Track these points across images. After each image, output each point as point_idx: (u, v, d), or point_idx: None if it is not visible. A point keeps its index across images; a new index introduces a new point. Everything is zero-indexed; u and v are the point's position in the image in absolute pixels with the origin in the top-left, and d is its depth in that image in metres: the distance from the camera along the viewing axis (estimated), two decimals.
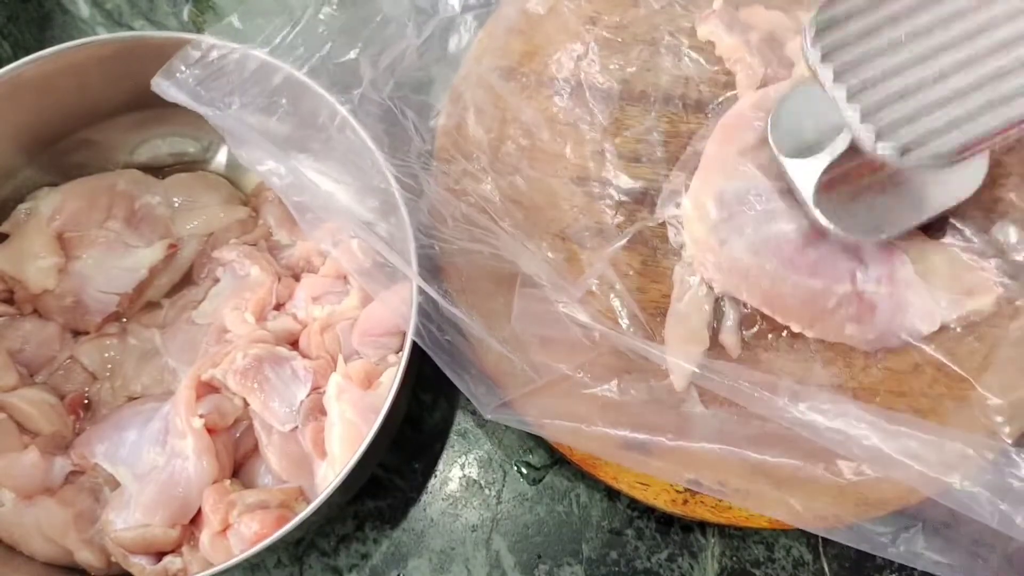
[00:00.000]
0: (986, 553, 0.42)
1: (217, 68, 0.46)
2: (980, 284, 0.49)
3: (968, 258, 0.49)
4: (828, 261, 0.49)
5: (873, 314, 0.48)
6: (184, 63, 0.46)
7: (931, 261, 0.49)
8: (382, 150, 0.45)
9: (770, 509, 0.45)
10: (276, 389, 0.47)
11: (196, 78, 0.46)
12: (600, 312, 0.49)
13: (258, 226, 0.54)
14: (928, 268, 0.49)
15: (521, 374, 0.47)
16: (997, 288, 0.49)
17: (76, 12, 0.66)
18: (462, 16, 0.54)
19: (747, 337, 0.50)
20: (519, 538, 0.54)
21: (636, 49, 0.55)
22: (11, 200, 0.53)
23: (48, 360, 0.51)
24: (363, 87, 0.50)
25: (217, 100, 0.46)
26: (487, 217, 0.48)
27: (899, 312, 0.48)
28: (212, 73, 0.46)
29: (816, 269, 0.48)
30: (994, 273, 0.49)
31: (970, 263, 0.49)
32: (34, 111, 0.50)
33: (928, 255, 0.49)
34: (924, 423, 0.43)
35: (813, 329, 0.49)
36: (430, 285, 0.43)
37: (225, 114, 0.45)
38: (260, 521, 0.43)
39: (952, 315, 0.49)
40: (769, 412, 0.43)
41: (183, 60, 0.46)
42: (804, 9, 0.55)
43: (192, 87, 0.46)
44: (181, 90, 0.46)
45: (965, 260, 0.49)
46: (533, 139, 0.54)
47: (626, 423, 0.46)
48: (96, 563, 0.46)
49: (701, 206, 0.50)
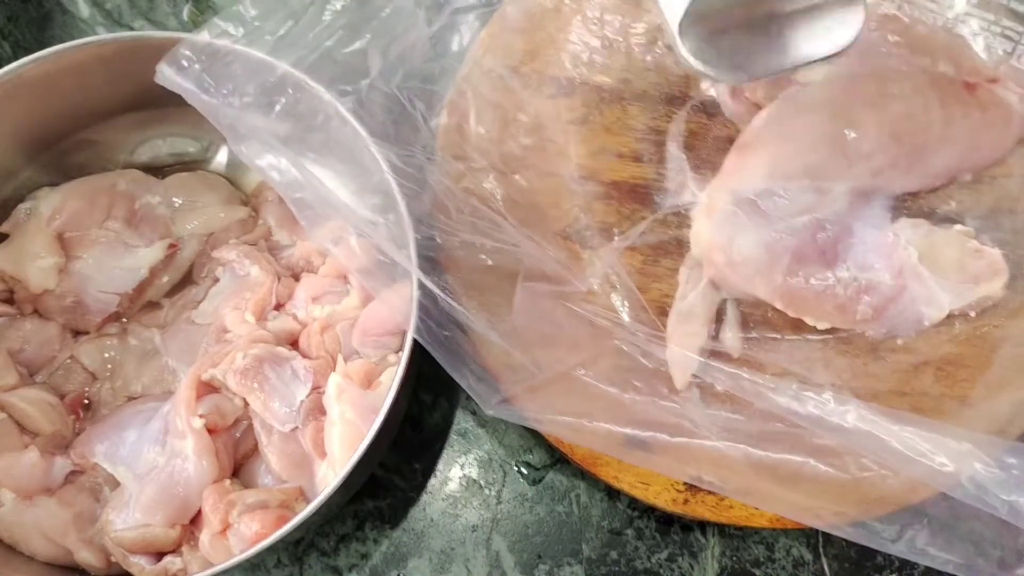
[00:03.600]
0: (989, 549, 0.42)
1: (222, 58, 0.46)
2: (988, 271, 0.49)
3: (975, 246, 0.50)
4: (840, 253, 0.49)
5: (884, 304, 0.48)
6: (190, 51, 0.45)
7: (938, 249, 0.50)
8: (385, 143, 0.45)
9: (772, 506, 0.45)
10: (276, 389, 0.47)
11: (202, 66, 0.45)
12: (602, 310, 0.49)
13: (258, 226, 0.54)
14: (935, 256, 0.49)
15: (522, 369, 0.46)
16: (1005, 274, 0.49)
17: (76, 12, 0.66)
18: (466, 12, 0.54)
19: (748, 338, 0.50)
20: (519, 538, 0.54)
21: (638, 48, 0.55)
22: (11, 200, 0.52)
23: (48, 360, 0.51)
24: (372, 77, 0.49)
25: (221, 91, 0.45)
26: (489, 213, 0.48)
27: (909, 301, 0.49)
28: (216, 63, 0.46)
29: (828, 261, 0.49)
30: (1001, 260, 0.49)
31: (977, 251, 0.49)
32: (34, 111, 0.50)
33: (935, 244, 0.50)
34: (927, 420, 0.43)
35: (824, 321, 0.49)
36: (430, 280, 0.43)
37: (226, 105, 0.45)
38: (260, 521, 0.43)
39: (960, 303, 0.49)
40: (772, 408, 0.43)
41: (189, 48, 0.45)
42: None
43: (197, 75, 0.45)
44: (186, 79, 0.45)
45: (972, 247, 0.50)
46: (535, 138, 0.54)
47: (628, 419, 0.46)
48: (96, 563, 0.46)
49: (716, 204, 0.50)
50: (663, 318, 0.50)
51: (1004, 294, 0.49)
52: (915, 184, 0.52)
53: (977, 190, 0.52)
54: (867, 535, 0.43)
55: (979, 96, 0.51)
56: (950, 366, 0.49)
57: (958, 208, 0.52)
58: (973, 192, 0.52)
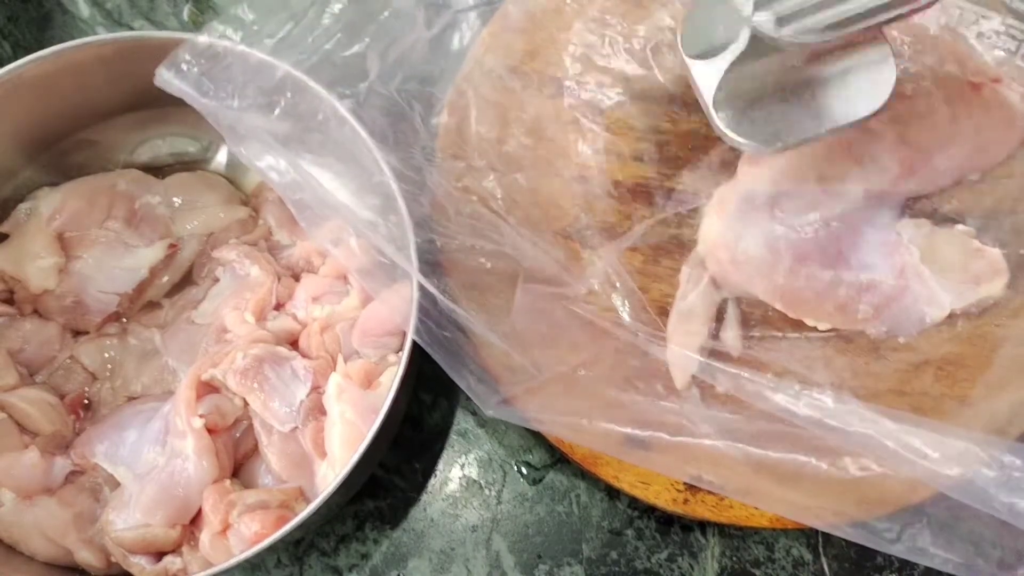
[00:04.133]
0: (989, 550, 0.42)
1: (221, 61, 0.46)
2: (989, 271, 0.49)
3: (976, 246, 0.50)
4: (843, 253, 0.49)
5: (885, 303, 0.48)
6: (190, 54, 0.45)
7: (940, 249, 0.50)
8: (384, 144, 0.45)
9: (772, 506, 0.45)
10: (276, 389, 0.47)
11: (201, 69, 0.45)
12: (602, 310, 0.49)
13: (258, 226, 0.54)
14: (937, 256, 0.49)
15: (522, 370, 0.46)
16: (1005, 274, 0.49)
17: (76, 12, 0.66)
18: (466, 13, 0.54)
19: (748, 336, 0.50)
20: (519, 538, 0.54)
21: (638, 48, 0.55)
22: (11, 200, 0.52)
23: (48, 360, 0.51)
24: (371, 80, 0.50)
25: (220, 94, 0.45)
26: (489, 213, 0.48)
27: (911, 301, 0.49)
28: (216, 66, 0.45)
29: (831, 261, 0.49)
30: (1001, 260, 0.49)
31: (978, 250, 0.49)
32: (34, 111, 0.50)
33: (936, 243, 0.50)
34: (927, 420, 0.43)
35: (826, 322, 0.49)
36: (430, 281, 0.43)
37: (225, 107, 0.45)
38: (260, 521, 0.43)
39: (962, 302, 0.49)
40: (772, 409, 0.43)
41: (189, 51, 0.45)
42: None
43: (197, 77, 0.45)
44: (185, 82, 0.45)
45: (974, 247, 0.50)
46: (535, 138, 0.54)
47: (628, 419, 0.46)
48: (96, 563, 0.46)
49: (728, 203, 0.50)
50: (664, 318, 0.50)
51: (1005, 294, 0.49)
52: (923, 186, 0.51)
53: (978, 190, 0.52)
54: (867, 535, 0.43)
55: (984, 96, 0.51)
56: (950, 366, 0.49)
57: (959, 208, 0.52)
58: (974, 192, 0.52)
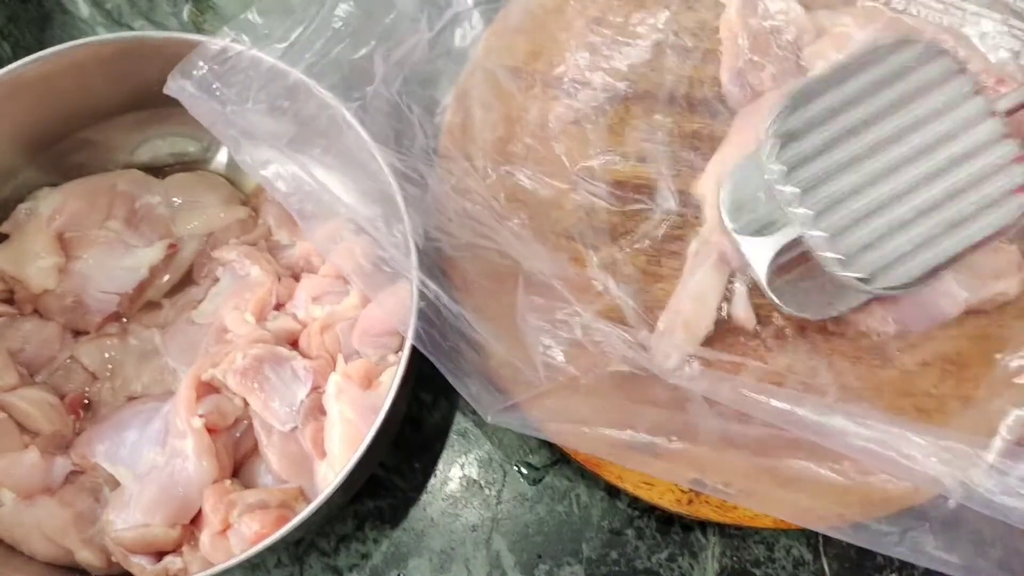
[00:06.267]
0: (989, 550, 0.42)
1: (234, 67, 0.46)
2: (1006, 267, 0.49)
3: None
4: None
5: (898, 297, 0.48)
6: (202, 60, 0.45)
7: None
8: (387, 148, 0.45)
9: (774, 509, 0.45)
10: (276, 389, 0.47)
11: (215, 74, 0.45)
12: (605, 311, 0.48)
13: (258, 226, 0.54)
14: None
15: (524, 377, 0.46)
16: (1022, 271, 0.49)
17: (76, 12, 0.65)
18: (469, 13, 0.54)
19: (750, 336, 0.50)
20: (519, 538, 0.54)
21: (640, 49, 0.55)
22: (11, 200, 0.52)
23: (48, 360, 0.51)
24: (376, 83, 0.50)
25: (233, 99, 0.45)
26: (491, 214, 0.48)
27: (927, 293, 0.48)
28: (229, 71, 0.46)
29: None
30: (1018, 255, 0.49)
31: (996, 247, 0.49)
32: (34, 111, 0.50)
33: None
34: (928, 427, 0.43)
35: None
36: (431, 284, 0.43)
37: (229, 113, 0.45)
38: (260, 521, 0.43)
39: (976, 298, 0.48)
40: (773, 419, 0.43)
41: (201, 58, 0.45)
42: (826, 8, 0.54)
43: (209, 85, 0.45)
44: (199, 89, 0.45)
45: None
46: (538, 138, 0.54)
47: (630, 425, 0.46)
48: (96, 563, 0.46)
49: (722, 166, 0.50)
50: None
51: (1019, 290, 0.49)
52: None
53: None
54: (870, 537, 0.43)
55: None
56: (955, 366, 0.49)
57: None
58: None
